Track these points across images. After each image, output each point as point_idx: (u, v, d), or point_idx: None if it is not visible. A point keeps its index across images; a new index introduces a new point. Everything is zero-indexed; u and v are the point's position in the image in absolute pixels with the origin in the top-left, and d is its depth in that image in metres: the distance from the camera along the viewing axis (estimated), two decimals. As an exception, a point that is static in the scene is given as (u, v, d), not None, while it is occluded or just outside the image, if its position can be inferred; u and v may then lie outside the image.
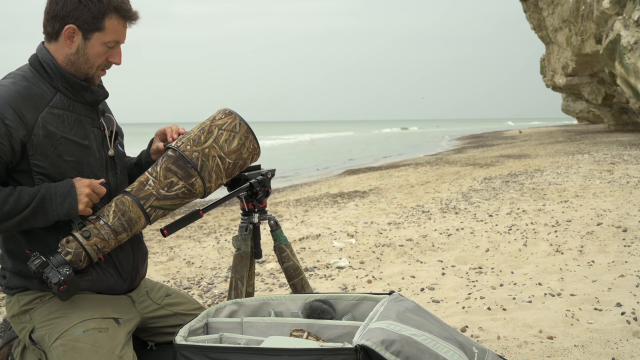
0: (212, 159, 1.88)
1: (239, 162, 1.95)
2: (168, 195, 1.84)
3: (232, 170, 1.95)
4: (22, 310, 1.87)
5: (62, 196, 1.72)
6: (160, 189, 1.84)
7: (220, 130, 1.90)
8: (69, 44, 1.80)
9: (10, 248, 1.85)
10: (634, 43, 14.40)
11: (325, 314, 1.92)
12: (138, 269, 2.03)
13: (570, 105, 37.05)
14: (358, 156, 25.09)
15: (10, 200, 1.68)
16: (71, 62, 1.81)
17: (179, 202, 1.87)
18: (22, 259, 1.84)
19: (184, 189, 1.86)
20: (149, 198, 1.83)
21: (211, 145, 1.88)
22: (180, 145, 1.88)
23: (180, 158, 1.85)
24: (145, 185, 1.84)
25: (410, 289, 3.86)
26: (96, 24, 1.78)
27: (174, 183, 1.84)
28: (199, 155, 1.86)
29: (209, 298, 4.00)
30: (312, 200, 9.15)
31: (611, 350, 2.62)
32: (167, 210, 1.87)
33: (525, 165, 12.08)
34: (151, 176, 1.85)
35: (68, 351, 1.75)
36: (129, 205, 1.81)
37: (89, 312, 1.83)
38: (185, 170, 1.85)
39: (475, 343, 1.82)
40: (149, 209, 1.83)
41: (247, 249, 2.26)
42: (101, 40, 1.80)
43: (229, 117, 1.93)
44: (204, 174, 1.87)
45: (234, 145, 1.91)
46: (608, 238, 4.81)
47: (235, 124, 1.92)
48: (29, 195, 1.70)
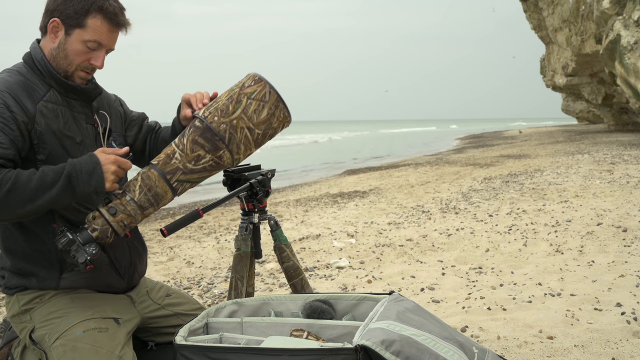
0: (240, 131, 1.80)
1: (269, 131, 1.86)
2: (195, 169, 1.79)
3: (261, 140, 1.87)
4: (22, 310, 1.87)
5: (88, 174, 1.68)
6: (187, 162, 1.78)
7: (249, 100, 1.81)
8: (52, 38, 1.81)
9: (9, 246, 1.86)
10: (634, 43, 14.40)
11: (325, 314, 1.92)
12: (135, 266, 2.02)
13: (570, 105, 37.04)
14: (396, 151, 27.39)
15: (34, 178, 1.64)
16: (53, 57, 1.82)
17: (207, 174, 1.83)
18: (21, 257, 1.84)
19: (212, 162, 1.80)
20: (176, 172, 1.78)
21: (239, 116, 1.79)
22: (207, 115, 1.80)
23: (208, 130, 1.78)
24: (171, 159, 1.78)
25: (410, 289, 3.86)
26: (78, 20, 1.78)
27: (201, 156, 1.78)
28: (227, 128, 1.79)
29: (209, 298, 4.00)
30: (312, 200, 9.15)
31: (611, 350, 2.61)
32: (194, 183, 1.82)
33: (525, 165, 12.08)
34: (178, 149, 1.79)
35: (68, 351, 1.75)
36: (155, 180, 1.76)
37: (88, 311, 1.83)
38: (213, 143, 1.78)
39: (475, 343, 1.82)
40: (175, 183, 1.78)
41: (247, 249, 2.26)
42: (81, 38, 1.79)
43: (259, 84, 1.82)
44: (232, 146, 1.80)
45: (264, 115, 1.82)
46: (608, 238, 4.81)
47: (265, 93, 1.82)
48: (53, 172, 1.67)
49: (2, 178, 1.60)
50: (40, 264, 1.84)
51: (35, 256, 1.84)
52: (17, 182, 1.61)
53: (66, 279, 1.85)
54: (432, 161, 16.18)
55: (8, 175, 1.62)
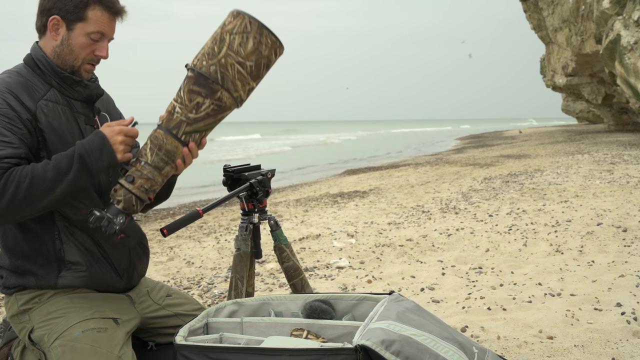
0: (231, 67, 1.77)
1: (262, 61, 1.81)
2: (198, 117, 1.78)
3: (257, 72, 1.82)
4: (20, 310, 1.87)
5: (98, 150, 1.70)
6: (188, 113, 1.77)
7: (231, 36, 1.77)
8: (54, 36, 1.82)
9: (8, 244, 1.86)
10: (634, 43, 14.40)
11: (325, 314, 1.92)
12: (135, 266, 2.02)
13: (570, 105, 37.04)
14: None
15: (49, 167, 1.66)
16: (57, 54, 1.83)
17: (213, 120, 1.81)
18: (20, 255, 1.84)
19: (213, 106, 1.79)
20: (180, 125, 1.78)
21: (226, 53, 1.76)
22: (196, 63, 1.79)
23: (200, 76, 1.77)
24: (173, 114, 1.79)
25: (410, 289, 3.86)
26: (78, 14, 1.79)
27: (200, 104, 1.78)
28: (217, 68, 1.76)
29: (209, 298, 4.00)
30: (312, 200, 9.15)
31: (611, 350, 2.61)
32: (204, 132, 1.82)
33: (525, 165, 12.08)
34: (177, 103, 1.79)
35: (67, 351, 1.75)
36: (163, 138, 1.77)
37: (87, 312, 1.83)
38: (208, 87, 1.77)
39: (475, 343, 1.82)
40: (183, 136, 1.78)
41: (247, 249, 2.27)
42: (84, 31, 1.81)
43: (237, 18, 1.78)
44: (227, 85, 1.78)
45: (250, 46, 1.78)
46: (608, 238, 4.81)
47: (245, 24, 1.77)
48: (65, 157, 1.69)
49: (19, 175, 1.63)
50: (39, 263, 1.84)
51: (33, 255, 1.84)
52: (34, 175, 1.64)
53: (64, 277, 1.85)
54: (432, 161, 16.18)
55: (24, 171, 1.64)
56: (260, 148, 33.88)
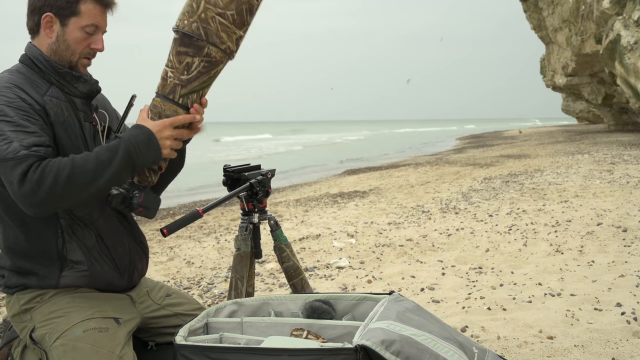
0: (212, 21, 1.74)
1: (243, 7, 1.77)
2: (191, 77, 1.78)
3: (241, 19, 1.78)
4: (22, 310, 1.87)
5: (146, 146, 1.72)
6: (180, 75, 1.77)
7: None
8: (48, 34, 1.83)
9: (9, 245, 1.86)
10: (634, 43, 14.40)
11: (325, 314, 1.93)
12: (135, 265, 2.02)
13: (570, 105, 37.03)
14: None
15: (90, 159, 1.66)
16: (54, 52, 1.84)
17: (207, 77, 1.80)
18: (21, 256, 1.84)
19: (203, 63, 1.77)
20: (175, 89, 1.78)
21: (205, 7, 1.73)
22: (179, 23, 1.77)
23: (184, 36, 1.76)
24: (167, 80, 1.79)
25: (410, 289, 3.86)
26: (71, 9, 1.80)
27: (190, 63, 1.77)
28: (199, 24, 1.74)
29: (209, 298, 4.00)
30: (312, 200, 9.15)
31: (611, 350, 2.61)
32: (200, 91, 1.81)
33: (525, 165, 12.08)
34: (168, 67, 1.79)
35: (68, 351, 1.75)
36: (161, 105, 1.79)
37: (89, 311, 1.83)
38: (194, 45, 1.75)
39: (475, 343, 1.82)
40: (180, 99, 1.79)
41: (247, 249, 2.27)
42: (78, 25, 1.82)
43: None
44: (213, 39, 1.75)
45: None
46: (608, 238, 4.81)
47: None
48: (106, 150, 1.69)
49: (58, 166, 1.62)
50: (41, 263, 1.84)
51: (36, 255, 1.84)
52: (74, 166, 1.63)
53: (66, 277, 1.85)
54: (432, 161, 16.18)
55: (64, 161, 1.64)
56: (274, 147, 34.76)
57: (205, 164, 19.47)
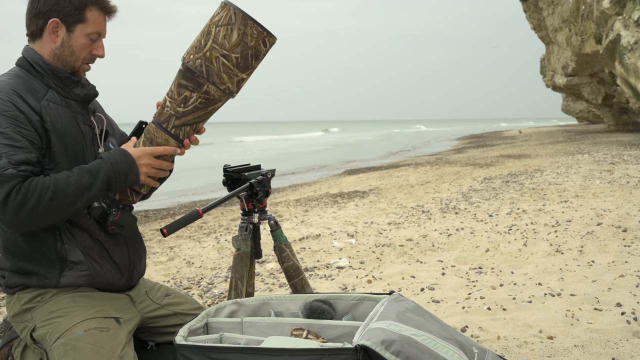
0: (216, 61, 1.78)
1: (249, 52, 1.80)
2: (186, 110, 1.82)
3: (245, 63, 1.81)
4: (23, 309, 1.87)
5: (125, 174, 1.78)
6: (177, 107, 1.82)
7: (217, 28, 1.78)
8: (53, 39, 1.84)
9: (8, 247, 1.86)
10: (634, 43, 14.40)
11: (325, 314, 1.93)
12: (135, 265, 2.03)
13: (570, 105, 37.04)
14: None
15: (71, 182, 1.70)
16: (57, 57, 1.85)
17: (203, 112, 1.84)
18: (20, 257, 1.85)
19: (201, 99, 1.82)
20: (170, 119, 1.83)
21: (211, 47, 1.78)
22: (185, 56, 1.82)
23: (187, 70, 1.81)
24: (164, 108, 1.84)
25: (410, 289, 3.86)
26: (78, 16, 1.83)
27: (188, 97, 1.81)
28: (202, 62, 1.78)
29: (209, 298, 4.00)
30: (312, 200, 9.15)
31: (611, 350, 2.61)
32: (194, 124, 1.85)
33: (525, 165, 12.08)
34: (168, 97, 1.84)
35: (69, 350, 1.75)
36: (154, 132, 1.83)
37: (90, 311, 1.83)
38: (194, 81, 1.80)
39: (475, 343, 1.82)
40: (173, 129, 1.83)
41: (247, 249, 2.26)
42: (84, 32, 1.85)
43: (224, 10, 1.78)
44: (213, 78, 1.79)
45: (235, 38, 1.77)
46: (608, 238, 4.81)
47: (230, 16, 1.77)
48: (89, 173, 1.74)
49: (40, 187, 1.65)
50: (41, 263, 1.84)
51: (35, 256, 1.84)
52: (56, 188, 1.67)
53: (67, 276, 1.85)
54: (432, 161, 16.18)
55: (45, 182, 1.67)
56: (312, 144, 37.73)
57: (205, 164, 19.46)
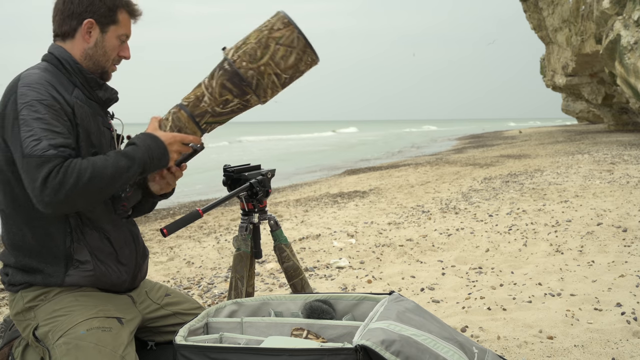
0: (267, 77, 1.84)
1: (297, 75, 1.90)
2: (223, 112, 1.87)
3: (288, 83, 1.91)
4: (26, 308, 1.87)
5: (158, 159, 1.80)
6: (215, 106, 1.85)
7: (277, 45, 1.81)
8: (87, 39, 1.88)
9: (16, 242, 1.86)
10: (634, 43, 14.39)
11: (325, 314, 1.93)
12: (140, 267, 2.05)
13: (570, 105, 37.03)
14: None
15: (108, 164, 1.70)
16: (89, 57, 1.89)
17: (234, 115, 1.92)
18: (27, 253, 1.85)
19: (239, 105, 1.88)
20: (204, 115, 1.86)
21: (267, 62, 1.82)
22: (236, 59, 1.83)
23: (236, 75, 1.83)
24: (200, 102, 1.85)
25: (410, 289, 3.86)
26: (111, 17, 1.89)
27: (229, 100, 1.85)
28: (255, 74, 1.82)
29: (209, 298, 4.00)
30: (312, 200, 9.15)
31: (611, 350, 2.61)
32: (222, 124, 1.92)
33: (525, 165, 12.08)
34: (207, 92, 1.85)
35: (71, 349, 1.75)
36: (185, 122, 1.86)
37: (92, 310, 1.84)
38: (240, 89, 1.84)
39: (475, 343, 1.82)
40: (204, 125, 1.87)
41: (247, 249, 2.27)
42: (116, 33, 1.90)
43: (287, 28, 1.82)
44: (259, 91, 1.86)
45: (291, 61, 1.83)
46: (608, 238, 4.81)
47: (293, 38, 1.82)
48: (124, 157, 1.74)
49: (79, 168, 1.65)
50: (47, 260, 1.84)
51: (42, 252, 1.84)
52: (94, 170, 1.67)
53: (71, 275, 1.85)
54: (432, 161, 16.18)
55: (84, 164, 1.67)
56: (346, 140, 40.72)
57: (205, 164, 19.46)
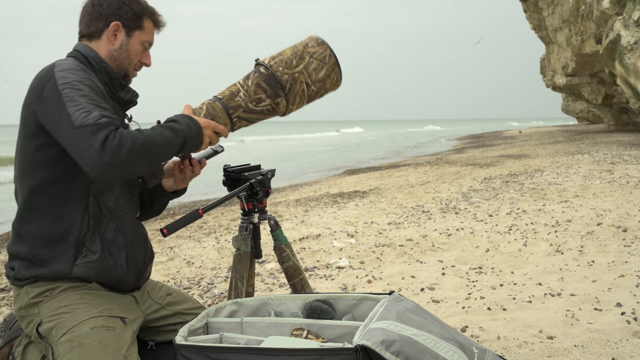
0: (299, 84, 1.99)
1: (322, 91, 2.06)
2: (255, 109, 1.97)
3: (313, 97, 2.06)
4: (30, 303, 1.88)
5: (195, 138, 1.84)
6: (249, 102, 1.95)
7: (311, 58, 2.00)
8: (112, 41, 1.94)
9: (31, 229, 1.86)
10: (634, 43, 14.40)
11: (325, 314, 1.93)
12: (145, 267, 2.07)
13: (570, 105, 37.04)
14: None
15: (156, 134, 1.74)
16: (114, 58, 1.94)
17: (262, 117, 2.00)
18: (40, 239, 1.85)
19: (270, 107, 1.98)
20: (238, 109, 1.95)
21: (301, 71, 1.99)
22: (273, 64, 1.98)
23: (272, 77, 1.97)
24: (235, 96, 1.95)
25: (410, 289, 3.86)
26: (138, 23, 1.95)
27: (261, 99, 1.96)
28: (289, 79, 1.98)
29: (209, 298, 4.00)
30: (312, 200, 9.15)
31: (611, 350, 2.62)
32: (250, 123, 2.00)
33: (525, 165, 12.08)
34: (242, 88, 1.96)
35: (75, 347, 1.76)
36: (219, 112, 1.93)
37: (97, 309, 1.85)
38: (274, 90, 1.97)
39: (475, 343, 1.82)
40: (235, 118, 1.96)
41: (247, 249, 2.27)
42: (140, 39, 1.97)
43: (321, 46, 2.02)
44: (290, 96, 1.99)
45: (321, 74, 2.02)
46: (608, 238, 4.81)
47: (326, 55, 2.02)
48: (168, 129, 1.78)
49: (132, 135, 1.68)
50: (60, 248, 1.85)
51: (57, 239, 1.85)
52: (146, 137, 1.71)
53: (79, 265, 1.86)
54: (432, 161, 16.18)
55: (135, 132, 1.71)
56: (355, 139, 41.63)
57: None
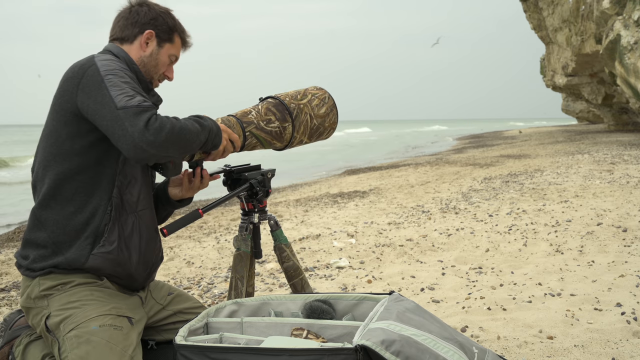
0: (304, 114, 2.19)
1: (321, 128, 2.26)
2: (265, 128, 2.10)
3: (314, 133, 2.24)
4: (40, 295, 1.88)
5: (215, 136, 1.92)
6: (260, 121, 2.09)
7: (313, 97, 2.24)
8: (144, 47, 2.02)
9: (54, 216, 1.88)
10: (634, 43, 14.40)
11: (325, 314, 1.93)
12: (155, 267, 2.09)
13: (570, 105, 37.04)
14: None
15: (188, 122, 1.80)
16: (143, 64, 2.01)
17: (270, 139, 2.12)
18: (62, 227, 1.87)
19: (278, 129, 2.12)
20: (250, 124, 2.07)
21: (305, 104, 2.21)
22: (280, 95, 2.18)
23: (280, 104, 2.15)
24: (248, 115, 2.09)
25: (410, 289, 3.86)
26: (169, 35, 2.05)
27: (271, 120, 2.11)
28: (295, 107, 2.17)
29: (209, 298, 4.00)
30: (312, 200, 9.15)
31: (611, 350, 2.62)
32: (258, 142, 2.10)
33: (525, 165, 12.08)
34: (254, 110, 2.11)
35: (82, 343, 1.76)
36: (234, 124, 2.04)
37: (106, 306, 1.86)
38: (283, 114, 2.14)
39: (475, 343, 1.82)
40: (248, 133, 2.06)
41: (247, 249, 2.27)
42: (169, 52, 2.05)
43: (321, 90, 2.29)
44: (296, 122, 2.16)
45: (322, 111, 2.24)
46: (608, 238, 4.81)
47: (326, 96, 2.28)
48: (196, 122, 1.85)
49: (171, 120, 1.75)
50: (79, 236, 1.87)
51: (77, 228, 1.87)
52: (182, 123, 1.78)
53: (95, 255, 1.87)
54: (432, 161, 16.18)
55: (172, 118, 1.77)
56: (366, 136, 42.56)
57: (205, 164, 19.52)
